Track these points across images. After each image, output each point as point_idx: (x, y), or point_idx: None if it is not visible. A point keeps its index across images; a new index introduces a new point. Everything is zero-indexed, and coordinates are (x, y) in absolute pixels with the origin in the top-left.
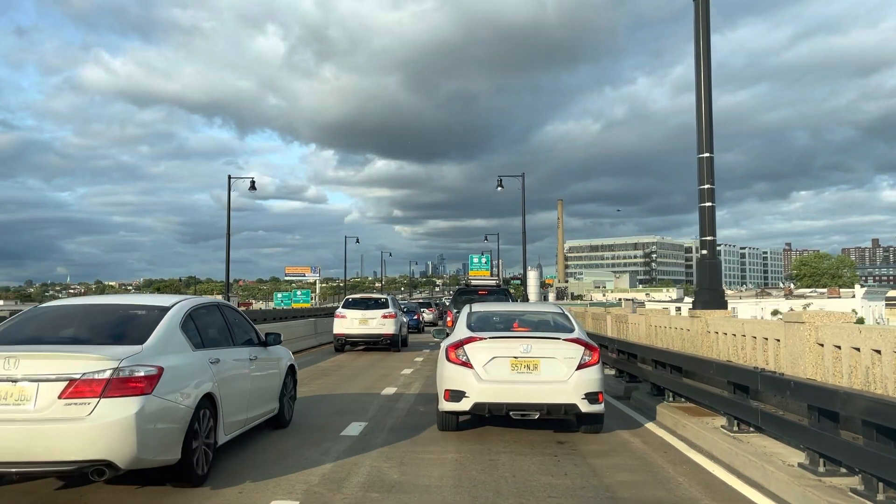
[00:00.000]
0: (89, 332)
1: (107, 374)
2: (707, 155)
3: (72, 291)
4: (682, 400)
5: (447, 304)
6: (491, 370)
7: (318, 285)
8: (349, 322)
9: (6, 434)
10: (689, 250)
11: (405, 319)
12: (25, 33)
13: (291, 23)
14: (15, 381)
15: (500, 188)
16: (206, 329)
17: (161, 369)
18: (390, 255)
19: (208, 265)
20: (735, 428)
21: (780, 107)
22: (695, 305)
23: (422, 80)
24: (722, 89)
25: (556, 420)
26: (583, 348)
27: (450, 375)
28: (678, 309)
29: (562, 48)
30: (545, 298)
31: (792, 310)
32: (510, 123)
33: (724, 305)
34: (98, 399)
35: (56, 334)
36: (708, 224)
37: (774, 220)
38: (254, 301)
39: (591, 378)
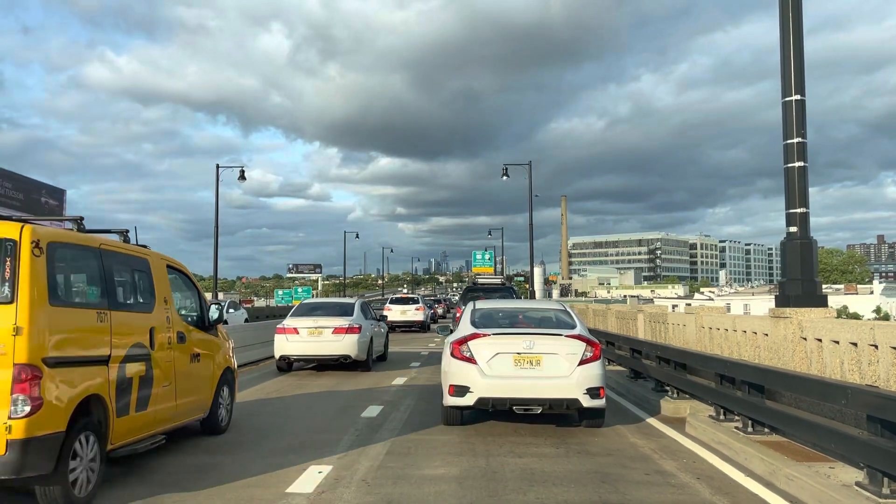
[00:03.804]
0: (330, 312)
1: (347, 325)
2: (797, 98)
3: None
4: (766, 431)
5: (453, 300)
6: (494, 366)
7: (320, 282)
8: (393, 313)
9: (330, 344)
10: (693, 247)
11: (429, 311)
12: (31, 32)
13: (296, 21)
14: (319, 327)
15: (505, 177)
16: (365, 310)
17: (361, 326)
18: (392, 251)
19: (212, 262)
20: (885, 489)
21: None
22: (780, 302)
23: (426, 78)
24: (726, 86)
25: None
26: (584, 344)
27: (454, 371)
28: (688, 305)
29: (566, 46)
30: (549, 295)
31: None
32: (514, 121)
33: (822, 302)
34: (344, 334)
35: (311, 313)
36: (798, 191)
37: (778, 216)
38: (255, 298)
39: (593, 373)
